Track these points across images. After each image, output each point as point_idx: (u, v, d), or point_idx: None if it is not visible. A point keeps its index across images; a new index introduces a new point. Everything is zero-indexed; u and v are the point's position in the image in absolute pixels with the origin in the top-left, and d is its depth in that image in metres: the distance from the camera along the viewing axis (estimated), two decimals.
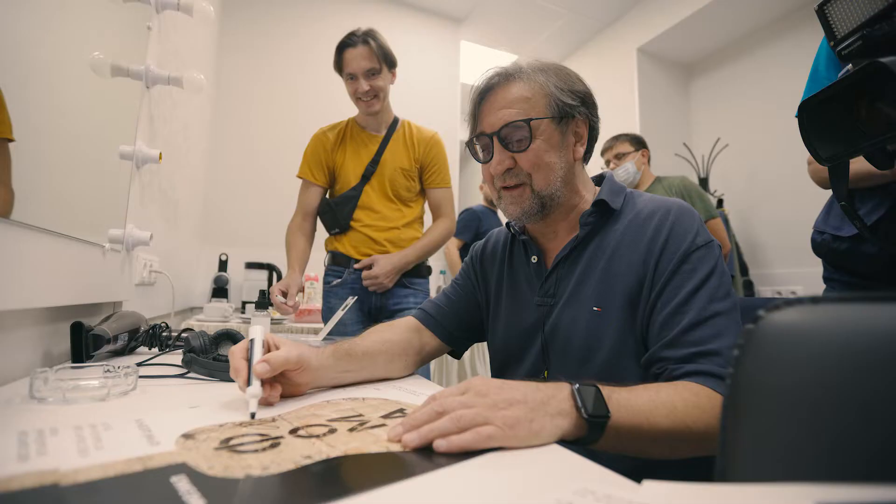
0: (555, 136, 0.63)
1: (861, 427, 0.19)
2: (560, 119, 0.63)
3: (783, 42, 2.47)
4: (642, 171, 1.97)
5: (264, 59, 2.42)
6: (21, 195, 0.58)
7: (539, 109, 0.62)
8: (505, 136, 0.62)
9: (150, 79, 1.00)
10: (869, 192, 0.82)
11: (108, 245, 0.84)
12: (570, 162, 0.65)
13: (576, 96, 0.63)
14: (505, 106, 0.62)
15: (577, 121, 0.65)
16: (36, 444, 0.33)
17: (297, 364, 0.50)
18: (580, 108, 0.64)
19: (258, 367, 0.46)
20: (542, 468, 0.33)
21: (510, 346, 0.70)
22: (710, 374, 0.50)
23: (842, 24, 0.44)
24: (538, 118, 0.61)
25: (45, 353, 0.66)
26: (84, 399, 0.46)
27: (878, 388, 0.19)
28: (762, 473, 0.21)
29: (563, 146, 0.64)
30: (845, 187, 0.50)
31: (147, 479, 0.28)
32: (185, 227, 1.76)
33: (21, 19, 0.58)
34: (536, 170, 0.62)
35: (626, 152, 1.99)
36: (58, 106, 0.71)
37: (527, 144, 0.62)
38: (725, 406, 0.25)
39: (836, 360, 0.20)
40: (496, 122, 0.63)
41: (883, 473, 0.18)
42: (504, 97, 0.63)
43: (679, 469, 0.49)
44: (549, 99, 0.62)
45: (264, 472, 0.29)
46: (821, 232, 0.91)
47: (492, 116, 0.63)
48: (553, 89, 0.62)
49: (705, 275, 0.56)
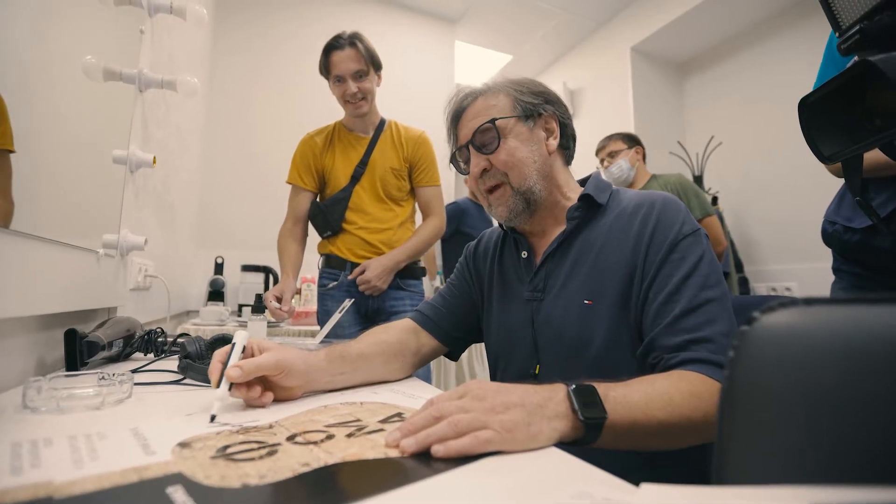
0: (523, 133, 0.67)
1: (857, 429, 0.19)
2: (526, 117, 0.67)
3: (777, 40, 2.49)
4: (637, 167, 1.97)
5: (259, 62, 2.41)
6: (17, 202, 0.57)
7: (505, 112, 0.67)
8: (478, 142, 0.67)
9: (144, 82, 0.99)
10: (882, 183, 0.80)
11: (103, 250, 0.83)
12: (543, 155, 0.68)
13: (537, 95, 0.68)
14: (474, 117, 0.68)
15: (544, 117, 0.69)
16: (29, 456, 0.33)
17: (275, 369, 0.50)
18: (545, 106, 0.68)
19: (230, 371, 0.47)
20: (540, 472, 0.33)
21: (503, 342, 0.71)
22: (704, 360, 0.50)
23: (846, 14, 0.43)
24: (503, 117, 0.66)
25: (38, 361, 0.65)
26: (78, 408, 0.46)
27: (874, 391, 0.19)
28: (758, 476, 0.21)
29: (534, 141, 0.67)
30: (859, 181, 0.49)
31: (142, 490, 0.28)
32: (180, 231, 1.75)
33: (13, 24, 0.58)
34: (510, 167, 0.66)
35: (619, 150, 1.99)
36: (50, 111, 0.71)
37: (496, 145, 0.66)
38: (721, 407, 0.25)
39: (830, 362, 0.20)
40: (468, 132, 0.68)
41: (880, 476, 0.18)
42: (473, 110, 0.69)
43: (677, 459, 0.50)
44: (512, 101, 0.67)
45: (261, 480, 0.29)
46: (832, 222, 0.90)
47: (465, 129, 0.69)
48: (514, 93, 0.68)
49: (694, 262, 0.56)
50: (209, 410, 0.44)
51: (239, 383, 0.48)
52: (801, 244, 2.27)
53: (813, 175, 2.22)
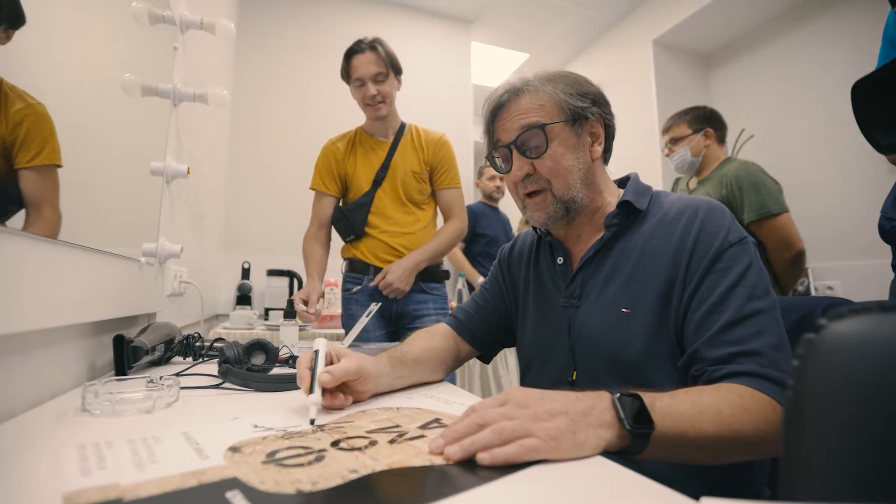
0: (570, 139, 0.64)
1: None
2: (574, 122, 0.64)
3: (810, 26, 2.39)
4: (704, 154, 1.66)
5: (279, 71, 2.46)
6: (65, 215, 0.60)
7: (552, 115, 0.64)
8: (522, 144, 0.64)
9: (178, 97, 1.03)
10: None
11: (144, 259, 0.87)
12: (588, 163, 0.66)
13: (585, 98, 0.65)
14: (519, 116, 0.64)
15: (591, 121, 0.66)
16: (94, 458, 0.34)
17: (357, 374, 0.53)
18: (592, 109, 0.65)
19: (322, 376, 0.49)
20: (590, 482, 0.33)
21: (537, 348, 0.71)
22: (752, 374, 0.49)
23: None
24: (552, 122, 0.63)
25: (90, 365, 0.68)
26: (131, 411, 0.48)
27: None
28: (832, 494, 0.20)
29: (580, 147, 0.65)
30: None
31: (203, 494, 0.29)
32: (209, 238, 1.81)
33: (57, 47, 0.61)
34: (555, 175, 0.64)
35: (683, 136, 1.67)
36: (93, 127, 0.74)
37: (543, 150, 0.63)
38: (787, 421, 0.24)
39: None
40: (512, 132, 0.65)
41: None
42: (517, 108, 0.65)
43: (725, 469, 0.48)
44: (560, 104, 0.64)
45: (314, 487, 0.30)
46: (890, 218, 0.86)
47: (506, 127, 0.66)
48: (562, 95, 0.64)
49: (741, 272, 0.55)
50: (309, 415, 0.46)
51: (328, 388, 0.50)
52: (842, 240, 2.17)
53: (854, 167, 2.12)
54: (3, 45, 0.45)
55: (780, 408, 0.47)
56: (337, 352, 0.56)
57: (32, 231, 0.49)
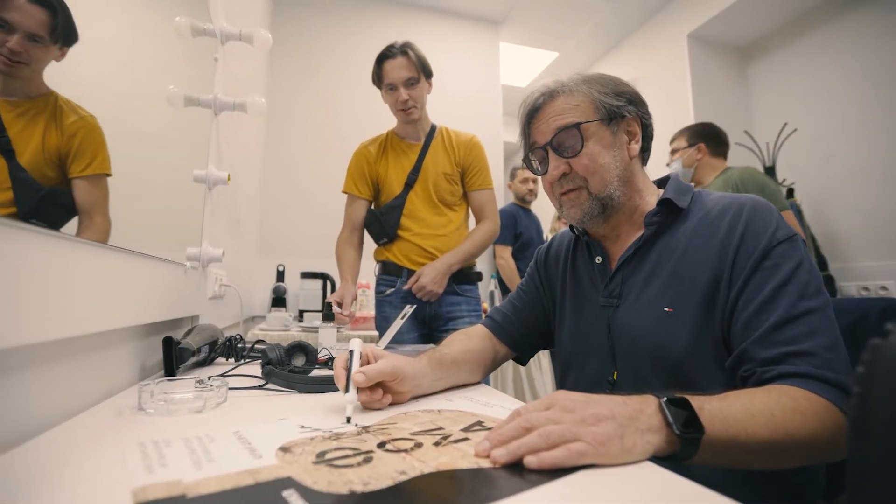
0: (606, 137, 0.64)
1: None
2: (609, 120, 0.64)
3: (853, 15, 2.25)
4: (696, 167, 1.84)
5: (311, 76, 2.52)
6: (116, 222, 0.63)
7: (587, 114, 0.64)
8: (558, 144, 0.64)
9: (218, 106, 1.07)
10: None
11: (188, 263, 0.91)
12: (625, 161, 0.65)
13: (621, 97, 0.65)
14: (554, 117, 0.64)
15: (627, 120, 0.65)
16: (155, 455, 0.36)
17: (391, 375, 0.53)
18: (628, 108, 0.65)
19: (356, 376, 0.50)
20: (641, 488, 0.32)
21: (576, 348, 0.70)
22: (806, 375, 0.47)
23: None
24: (587, 121, 0.63)
25: (141, 365, 0.72)
26: (183, 411, 0.50)
27: None
28: None
29: (617, 146, 0.64)
30: None
31: (260, 492, 0.29)
32: (245, 241, 1.87)
33: (106, 61, 0.65)
34: (591, 173, 0.63)
35: (679, 148, 1.87)
36: (139, 136, 0.78)
37: (579, 149, 0.63)
38: (854, 430, 0.22)
39: None
40: (548, 133, 0.65)
41: None
42: (552, 110, 0.65)
43: (776, 475, 0.46)
44: (595, 103, 0.64)
45: (366, 487, 0.30)
46: None
47: (542, 129, 0.66)
48: (597, 94, 0.64)
49: (791, 270, 0.52)
50: (345, 413, 0.47)
51: (363, 387, 0.51)
52: (892, 237, 2.03)
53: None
54: (59, 61, 0.47)
55: (835, 411, 0.45)
56: (373, 353, 0.56)
57: (85, 237, 0.51)
